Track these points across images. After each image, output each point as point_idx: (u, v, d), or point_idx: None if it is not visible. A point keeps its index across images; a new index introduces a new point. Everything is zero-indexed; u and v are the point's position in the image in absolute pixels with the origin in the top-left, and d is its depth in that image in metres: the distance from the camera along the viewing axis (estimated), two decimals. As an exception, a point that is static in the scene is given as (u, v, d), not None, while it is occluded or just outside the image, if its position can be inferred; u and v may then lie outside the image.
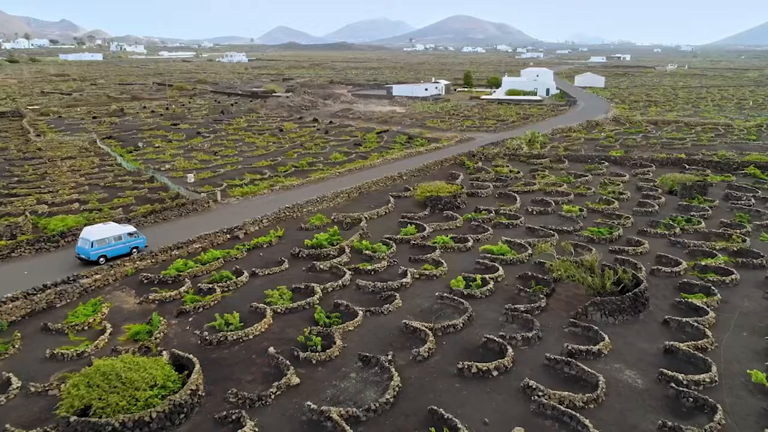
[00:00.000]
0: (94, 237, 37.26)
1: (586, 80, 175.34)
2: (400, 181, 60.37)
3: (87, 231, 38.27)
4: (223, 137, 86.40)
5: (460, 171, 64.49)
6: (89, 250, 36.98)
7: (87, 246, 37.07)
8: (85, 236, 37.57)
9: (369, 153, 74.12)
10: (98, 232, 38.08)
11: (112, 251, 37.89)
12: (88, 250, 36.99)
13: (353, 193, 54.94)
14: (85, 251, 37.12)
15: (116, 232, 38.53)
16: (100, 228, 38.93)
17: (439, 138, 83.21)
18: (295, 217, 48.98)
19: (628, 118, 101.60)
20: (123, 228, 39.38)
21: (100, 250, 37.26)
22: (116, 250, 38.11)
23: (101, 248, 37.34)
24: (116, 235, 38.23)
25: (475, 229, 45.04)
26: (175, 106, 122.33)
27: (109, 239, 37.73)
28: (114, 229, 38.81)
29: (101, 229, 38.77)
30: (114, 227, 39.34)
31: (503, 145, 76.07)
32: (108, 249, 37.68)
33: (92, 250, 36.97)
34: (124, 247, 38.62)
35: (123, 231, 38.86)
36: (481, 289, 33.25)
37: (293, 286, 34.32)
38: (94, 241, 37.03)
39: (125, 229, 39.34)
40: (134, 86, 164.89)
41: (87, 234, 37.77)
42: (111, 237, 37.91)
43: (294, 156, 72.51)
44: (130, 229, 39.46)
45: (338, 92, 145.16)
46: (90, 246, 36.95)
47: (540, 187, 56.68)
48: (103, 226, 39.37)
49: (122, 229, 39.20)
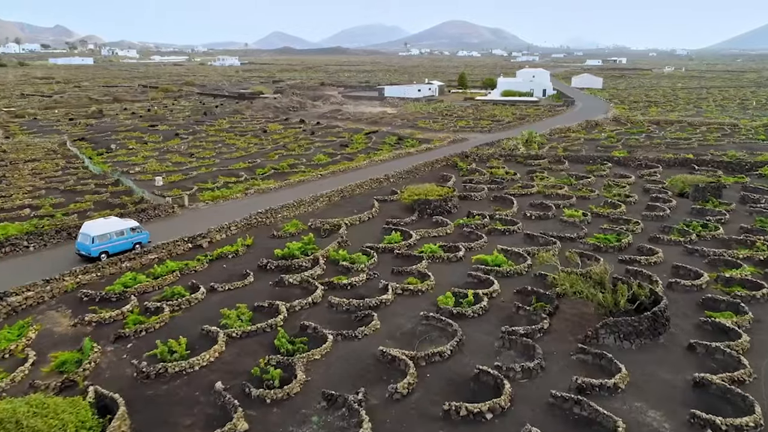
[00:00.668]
0: (95, 232, 35.21)
1: (584, 81, 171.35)
2: (386, 184, 55.72)
3: (87, 226, 36.22)
4: (203, 139, 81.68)
5: (452, 173, 59.96)
6: (90, 246, 34.94)
7: (88, 242, 35.05)
8: (86, 231, 35.52)
9: (355, 154, 69.53)
10: (99, 227, 36.04)
11: (114, 247, 35.83)
12: (89, 246, 34.96)
13: (335, 196, 50.25)
14: (86, 247, 35.09)
15: (118, 227, 36.63)
16: (101, 223, 36.97)
17: (431, 139, 78.68)
18: (268, 223, 44.27)
19: (629, 118, 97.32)
20: (125, 223, 37.63)
21: (101, 246, 35.22)
22: (118, 246, 36.07)
23: (102, 244, 35.29)
24: (118, 230, 36.25)
25: (467, 237, 40.39)
26: (157, 108, 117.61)
27: (110, 234, 35.67)
28: (116, 224, 36.88)
29: (102, 223, 36.72)
30: (116, 222, 37.43)
31: (499, 146, 71.57)
32: (110, 245, 35.60)
33: (93, 246, 34.94)
34: (127, 242, 36.62)
35: (125, 226, 37.02)
36: (474, 308, 28.57)
37: (255, 305, 29.59)
38: (95, 236, 35.00)
39: (127, 223, 37.53)
40: (118, 88, 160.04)
41: (87, 229, 35.73)
42: (113, 232, 35.86)
43: (275, 157, 67.88)
44: (132, 224, 37.67)
45: (328, 93, 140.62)
46: (91, 242, 34.94)
47: (539, 189, 52.11)
48: (105, 221, 37.39)
49: (124, 223, 37.37)
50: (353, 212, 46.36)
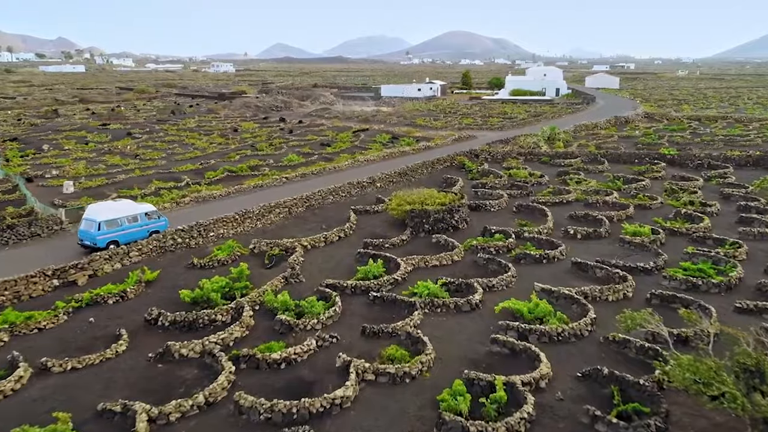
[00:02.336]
0: (103, 217, 28.88)
1: (598, 81, 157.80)
2: (371, 190, 41.96)
3: (93, 210, 29.77)
4: (158, 138, 68.21)
5: (459, 175, 46.21)
6: (95, 234, 28.49)
7: (93, 229, 28.63)
8: (91, 216, 29.09)
9: (337, 154, 55.83)
10: (108, 211, 29.67)
11: (126, 236, 29.40)
12: (94, 234, 28.51)
13: (297, 206, 36.45)
14: (90, 235, 28.69)
15: (131, 211, 30.24)
16: (109, 206, 30.52)
17: (431, 137, 65.01)
18: (194, 245, 30.49)
19: (664, 114, 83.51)
20: (139, 206, 31.15)
21: (110, 234, 28.87)
22: (130, 235, 29.56)
23: (111, 232, 28.93)
24: (131, 216, 29.96)
25: (484, 268, 26.51)
26: (123, 108, 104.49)
27: (121, 220, 29.49)
28: (128, 208, 30.48)
29: (111, 207, 30.30)
30: (128, 205, 30.95)
31: (515, 143, 57.80)
32: (120, 233, 29.25)
33: (99, 234, 28.50)
34: (141, 231, 30.10)
35: (139, 210, 30.62)
36: (509, 420, 14.64)
37: (102, 407, 15.72)
38: (102, 222, 28.66)
39: (142, 207, 31.08)
40: (91, 91, 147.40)
41: (93, 213, 29.28)
42: (124, 218, 29.66)
43: (235, 158, 54.28)
44: (148, 208, 31.17)
45: (319, 93, 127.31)
46: (97, 229, 28.51)
47: (577, 196, 38.25)
48: (114, 204, 30.97)
49: (138, 207, 30.93)
50: (320, 228, 32.67)
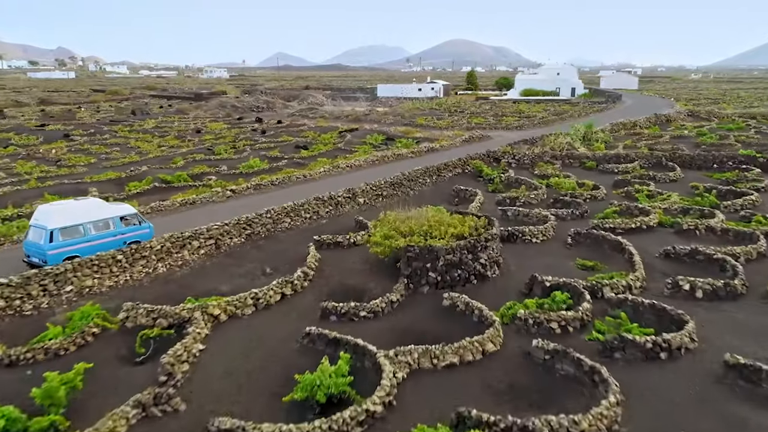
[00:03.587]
0: (56, 223, 19.48)
1: (615, 81, 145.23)
2: (350, 208, 29.01)
3: (43, 213, 20.10)
4: (99, 141, 55.55)
5: (474, 185, 33.35)
6: (45, 248, 19.04)
7: (42, 239, 19.22)
8: (41, 222, 19.64)
9: (314, 159, 42.95)
10: (64, 214, 19.98)
11: (92, 248, 19.91)
12: (44, 246, 19.10)
13: (231, 235, 23.44)
14: (38, 249, 19.29)
15: (99, 214, 20.83)
16: (68, 208, 20.53)
17: (435, 138, 52.17)
18: (32, 309, 17.52)
19: (711, 112, 70.60)
20: (112, 208, 21.79)
21: (66, 248, 19.50)
22: (98, 247, 20.07)
23: (69, 243, 19.61)
24: (99, 220, 20.66)
25: (546, 371, 13.47)
26: (84, 108, 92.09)
27: (85, 227, 20.15)
28: (95, 210, 20.93)
29: (71, 209, 20.41)
30: (96, 206, 21.40)
31: (544, 143, 44.90)
32: (82, 245, 19.88)
33: (51, 247, 19.10)
34: (115, 241, 20.76)
35: (112, 213, 21.24)
36: None
37: None
38: (55, 230, 19.35)
39: (116, 209, 21.72)
40: (61, 94, 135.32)
41: (43, 217, 19.78)
42: (89, 224, 20.31)
43: (179, 164, 41.50)
44: (125, 211, 21.85)
45: (307, 93, 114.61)
46: (48, 239, 19.10)
47: (661, 218, 25.18)
48: (75, 205, 20.89)
49: (110, 209, 21.55)
50: (262, 274, 19.94)
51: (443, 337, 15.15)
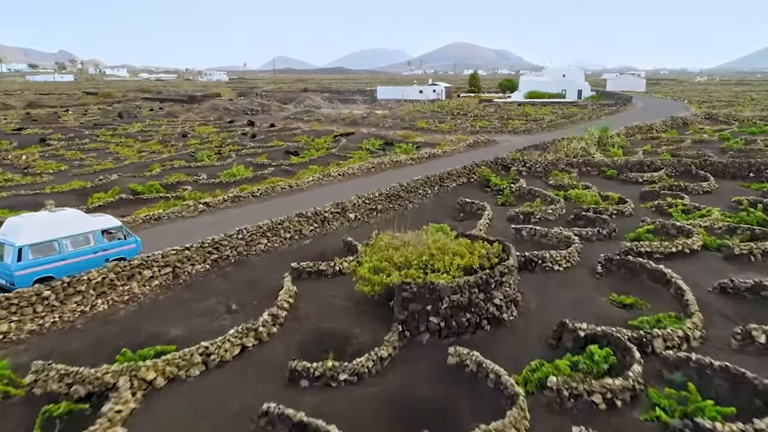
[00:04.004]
0: (26, 239, 16.66)
1: (622, 84, 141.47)
2: (339, 225, 25.12)
3: (11, 227, 17.29)
4: (77, 146, 51.86)
5: (482, 197, 29.47)
6: (12, 268, 16.36)
7: (9, 258, 16.48)
8: (8, 238, 16.84)
9: (304, 166, 39.13)
10: (36, 228, 17.14)
11: (68, 267, 17.05)
12: (11, 266, 16.38)
13: (193, 261, 19.52)
14: (4, 269, 16.57)
15: (77, 227, 17.84)
16: (40, 221, 17.74)
17: (437, 142, 48.35)
18: None
19: (730, 115, 66.65)
20: (92, 220, 18.66)
21: (38, 267, 16.70)
22: (77, 265, 17.20)
23: (42, 262, 16.83)
24: (77, 234, 17.67)
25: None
26: (72, 111, 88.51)
27: (60, 243, 17.27)
28: (72, 222, 17.96)
29: (44, 222, 17.63)
30: (73, 218, 18.32)
31: (557, 149, 41.02)
32: (57, 264, 17.07)
33: (18, 267, 16.38)
34: (96, 258, 17.87)
35: (92, 226, 18.20)
36: None
37: None
38: (24, 247, 16.52)
39: (97, 222, 18.65)
40: (52, 96, 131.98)
41: (11, 233, 16.98)
42: (65, 239, 17.40)
43: (155, 172, 37.75)
44: (108, 223, 18.92)
45: (305, 96, 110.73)
46: (16, 258, 16.37)
47: (705, 239, 21.21)
48: (49, 218, 18.07)
49: (90, 222, 18.44)
50: (225, 311, 16.15)
51: (448, 409, 11.39)
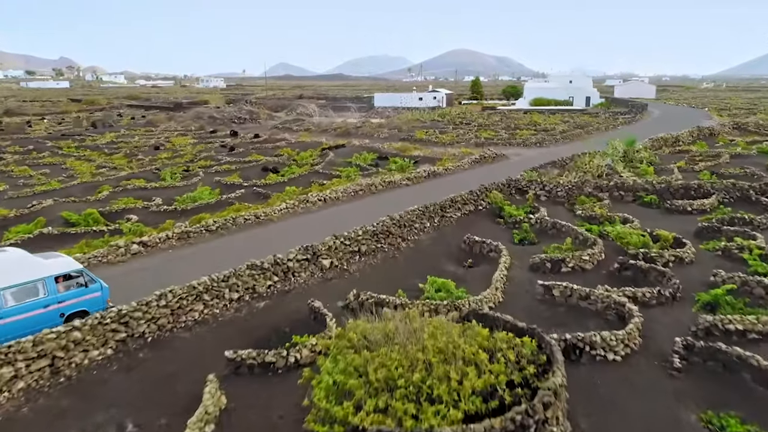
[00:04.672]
0: None
1: (630, 90, 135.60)
2: (309, 276, 19.04)
3: None
4: (33, 161, 46.08)
5: (495, 233, 23.45)
6: None
7: None
8: None
9: (281, 187, 33.13)
10: None
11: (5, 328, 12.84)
12: None
13: (83, 348, 13.47)
14: None
15: (19, 274, 13.36)
16: None
17: (438, 156, 42.42)
18: None
19: (760, 124, 60.72)
20: (41, 264, 14.06)
21: None
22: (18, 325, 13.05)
23: None
24: (20, 284, 13.27)
25: None
26: (47, 120, 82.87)
27: None
28: (14, 267, 13.52)
29: None
30: (14, 260, 13.94)
31: (578, 168, 35.00)
32: None
33: None
34: (46, 313, 13.56)
35: (41, 273, 13.67)
36: None
37: None
38: None
39: (49, 266, 14.05)
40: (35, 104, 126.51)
41: None
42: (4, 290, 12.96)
43: (103, 194, 31.87)
44: (63, 267, 14.26)
45: (298, 103, 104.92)
46: None
47: (815, 307, 15.22)
48: None
49: (38, 266, 13.90)
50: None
51: None
